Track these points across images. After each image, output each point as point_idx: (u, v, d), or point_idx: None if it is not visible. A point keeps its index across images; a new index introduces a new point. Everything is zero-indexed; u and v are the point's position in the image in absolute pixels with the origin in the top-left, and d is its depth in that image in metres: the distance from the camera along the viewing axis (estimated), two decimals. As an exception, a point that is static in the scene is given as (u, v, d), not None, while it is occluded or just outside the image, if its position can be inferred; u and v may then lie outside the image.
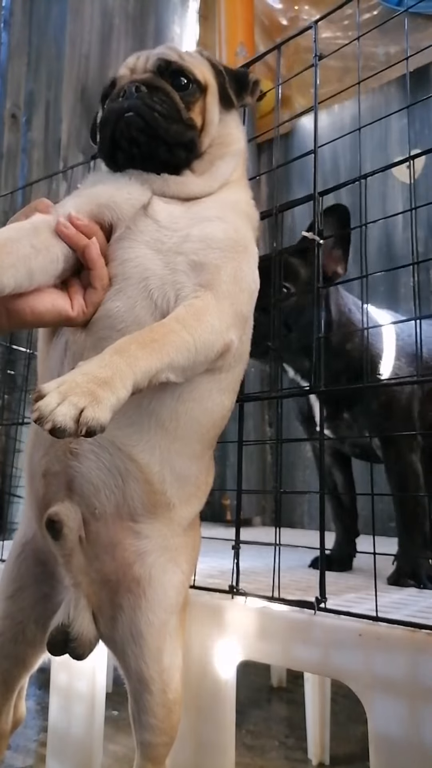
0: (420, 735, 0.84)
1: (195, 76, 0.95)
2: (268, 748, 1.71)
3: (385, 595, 1.11)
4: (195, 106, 0.95)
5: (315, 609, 0.99)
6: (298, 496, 2.93)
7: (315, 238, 1.12)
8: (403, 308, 2.69)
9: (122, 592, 0.86)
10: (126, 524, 0.85)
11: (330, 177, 2.95)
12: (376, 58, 2.93)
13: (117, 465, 0.83)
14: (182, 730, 1.04)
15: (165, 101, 0.92)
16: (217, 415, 0.92)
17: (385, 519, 2.60)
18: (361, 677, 0.91)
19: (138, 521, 0.86)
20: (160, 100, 0.91)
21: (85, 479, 0.83)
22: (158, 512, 0.87)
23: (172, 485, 0.87)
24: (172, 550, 0.89)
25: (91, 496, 0.83)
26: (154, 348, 0.73)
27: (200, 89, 0.96)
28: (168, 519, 0.88)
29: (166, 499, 0.87)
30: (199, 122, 0.95)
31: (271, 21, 3.49)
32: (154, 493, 0.85)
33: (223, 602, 1.10)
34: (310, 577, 1.29)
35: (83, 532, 0.85)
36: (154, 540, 0.87)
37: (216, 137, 0.98)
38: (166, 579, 0.87)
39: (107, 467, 0.82)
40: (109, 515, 0.84)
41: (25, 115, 2.97)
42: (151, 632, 0.85)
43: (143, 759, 0.89)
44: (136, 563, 0.85)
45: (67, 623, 0.87)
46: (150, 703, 0.86)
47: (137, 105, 0.90)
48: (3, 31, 3.05)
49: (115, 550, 0.85)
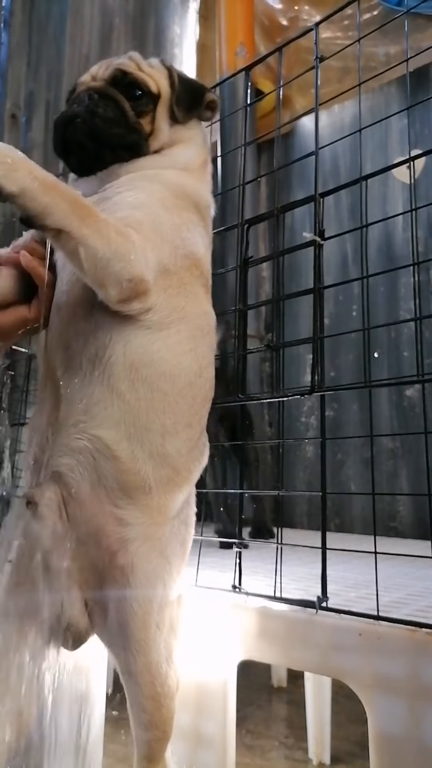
0: (420, 734, 0.85)
1: (148, 88, 1.01)
2: (268, 747, 1.71)
3: (386, 594, 1.11)
4: (146, 115, 1.01)
5: (317, 608, 0.99)
6: (298, 496, 2.93)
7: (315, 239, 1.12)
8: (403, 308, 2.69)
9: (109, 581, 0.86)
10: (107, 508, 0.86)
11: (330, 177, 2.95)
12: (377, 59, 2.93)
13: (87, 443, 0.85)
14: (183, 730, 1.04)
15: (111, 108, 0.98)
16: (182, 381, 0.91)
17: (385, 519, 2.61)
18: (361, 677, 0.91)
19: (119, 506, 0.86)
20: (105, 107, 0.97)
21: (61, 459, 0.86)
22: (135, 495, 0.87)
23: (146, 463, 0.87)
24: (156, 540, 0.89)
25: (66, 475, 0.86)
26: (81, 205, 0.81)
27: (152, 100, 1.02)
28: (147, 506, 0.88)
29: (141, 479, 0.87)
30: (148, 129, 1.01)
31: (271, 21, 3.49)
32: (125, 472, 0.86)
33: (224, 602, 1.10)
34: (310, 577, 1.29)
35: (65, 514, 0.86)
36: (137, 528, 0.87)
37: (167, 142, 1.03)
38: (150, 569, 0.87)
39: (79, 447, 0.85)
40: (86, 497, 0.85)
41: (25, 115, 2.97)
42: (136, 623, 0.85)
43: (139, 756, 0.89)
44: (119, 551, 0.86)
45: (59, 616, 0.87)
46: (139, 696, 0.87)
47: (83, 111, 0.97)
48: (3, 31, 3.06)
49: (99, 536, 0.86)
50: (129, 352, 0.87)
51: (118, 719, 1.68)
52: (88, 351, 0.87)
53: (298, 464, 2.98)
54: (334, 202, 2.85)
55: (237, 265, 1.28)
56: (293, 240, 1.24)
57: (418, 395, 2.60)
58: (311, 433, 2.95)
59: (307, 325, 1.14)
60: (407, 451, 2.65)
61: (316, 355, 1.11)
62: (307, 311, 1.13)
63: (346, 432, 2.83)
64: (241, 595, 1.10)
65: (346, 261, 2.90)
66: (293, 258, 1.40)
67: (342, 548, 1.06)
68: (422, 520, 2.52)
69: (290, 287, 1.30)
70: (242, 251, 1.29)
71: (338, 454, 2.83)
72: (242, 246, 1.29)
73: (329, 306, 2.89)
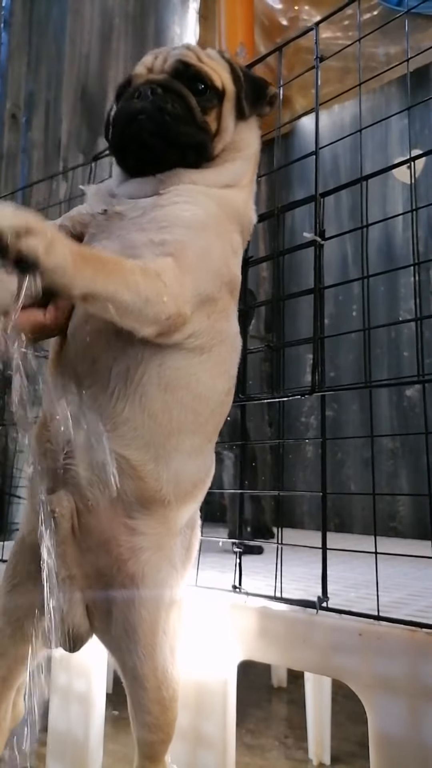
0: (420, 735, 0.84)
1: (213, 82, 0.94)
2: (268, 747, 1.71)
3: (386, 594, 1.11)
4: (211, 112, 0.94)
5: (317, 608, 0.99)
6: (298, 496, 2.93)
7: (316, 239, 1.12)
8: (403, 308, 2.69)
9: (116, 588, 0.86)
10: (121, 520, 0.85)
11: (330, 177, 2.95)
12: (377, 59, 2.93)
13: (110, 462, 0.83)
14: (183, 730, 1.04)
15: (179, 104, 0.91)
16: (213, 401, 0.90)
17: (385, 519, 2.61)
18: (361, 677, 0.91)
19: (133, 517, 0.86)
20: (173, 103, 0.90)
21: (79, 474, 0.84)
22: (153, 509, 0.87)
23: (168, 483, 0.86)
24: (167, 549, 0.89)
25: (84, 489, 0.84)
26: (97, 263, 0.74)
27: (217, 95, 0.95)
28: (164, 517, 0.88)
29: (162, 496, 0.86)
30: (213, 127, 0.95)
31: (271, 21, 3.49)
32: (148, 490, 0.85)
33: (224, 602, 1.10)
34: (310, 577, 1.29)
35: (76, 522, 0.85)
36: (150, 537, 0.87)
37: (230, 142, 0.97)
38: (160, 577, 0.87)
39: (101, 464, 0.83)
40: (103, 509, 0.85)
41: (25, 115, 2.97)
42: (144, 628, 0.85)
43: (141, 757, 0.89)
44: (130, 560, 0.86)
45: (59, 618, 0.87)
46: (144, 699, 0.86)
47: (149, 107, 0.89)
48: (3, 31, 3.05)
49: (109, 545, 0.86)
50: (164, 371, 0.84)
51: (118, 719, 1.68)
52: (118, 367, 0.83)
53: (298, 464, 2.98)
54: (334, 202, 2.85)
55: (238, 265, 1.28)
56: (294, 240, 1.24)
57: (418, 395, 2.60)
58: (311, 433, 2.95)
59: (307, 325, 1.14)
60: (407, 451, 2.65)
61: (316, 355, 1.11)
62: (308, 311, 1.13)
63: (347, 432, 2.83)
64: (242, 595, 1.10)
65: (346, 261, 2.90)
66: (294, 258, 1.40)
67: (342, 548, 1.06)
68: (422, 520, 2.52)
69: (290, 287, 1.30)
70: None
71: (338, 454, 2.83)
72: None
73: (329, 306, 2.89)
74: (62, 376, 0.88)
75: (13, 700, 0.97)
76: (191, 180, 0.92)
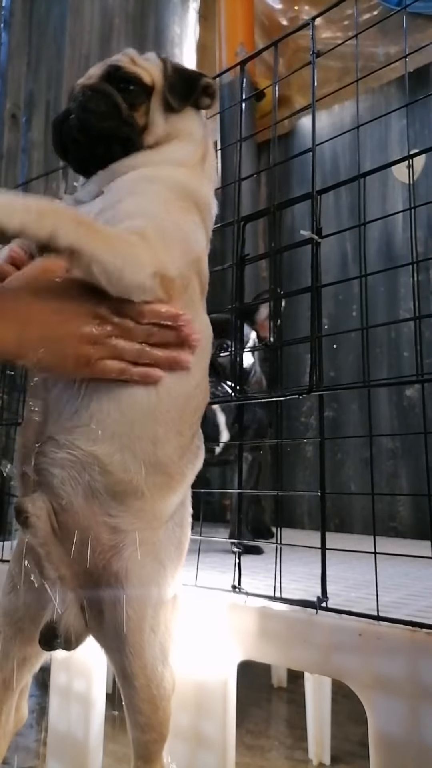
0: (420, 735, 0.84)
1: (141, 80, 1.01)
2: (268, 747, 1.71)
3: (386, 594, 1.11)
4: (140, 107, 1.01)
5: (317, 608, 0.99)
6: (298, 496, 2.93)
7: (313, 237, 1.12)
8: (403, 308, 2.69)
9: (103, 587, 0.86)
10: (98, 518, 0.86)
11: (330, 178, 2.95)
12: (376, 59, 2.93)
13: (75, 458, 0.84)
14: (183, 730, 1.04)
15: (103, 102, 0.98)
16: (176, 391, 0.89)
17: (385, 519, 2.61)
18: (361, 677, 0.91)
19: (111, 514, 0.86)
20: (97, 101, 0.98)
21: (49, 473, 0.85)
22: (128, 503, 0.86)
23: (137, 473, 0.86)
24: (150, 545, 0.89)
25: (56, 488, 0.84)
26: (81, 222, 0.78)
27: (145, 92, 1.01)
28: (141, 510, 0.88)
29: (133, 487, 0.86)
30: (142, 121, 1.01)
31: (271, 21, 3.49)
32: (119, 483, 0.85)
33: (224, 602, 1.10)
34: (310, 577, 1.29)
35: (55, 522, 0.85)
36: (130, 534, 0.87)
37: (163, 135, 1.02)
38: (145, 573, 0.87)
39: (68, 461, 0.84)
40: (78, 507, 0.85)
41: (25, 115, 2.97)
42: (131, 627, 0.85)
43: (136, 757, 0.89)
44: (113, 557, 0.86)
45: (54, 619, 0.87)
46: (134, 699, 0.86)
47: (77, 108, 0.97)
48: (3, 31, 3.05)
49: (92, 544, 0.86)
50: None
51: (118, 719, 1.68)
52: None
53: (298, 464, 2.98)
54: (333, 201, 2.85)
55: (233, 263, 1.28)
56: (293, 239, 1.24)
57: (418, 395, 2.60)
58: (311, 433, 2.95)
59: (306, 324, 1.13)
60: (407, 451, 2.64)
61: (314, 355, 1.11)
62: (306, 311, 1.13)
63: (346, 432, 2.82)
64: (241, 595, 1.10)
65: (345, 261, 2.90)
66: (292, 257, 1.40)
67: (342, 548, 1.06)
68: (422, 520, 2.51)
69: (289, 286, 1.30)
70: (239, 248, 1.29)
71: (338, 454, 2.83)
72: (239, 243, 1.29)
73: (329, 306, 2.89)
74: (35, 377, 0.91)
75: (16, 703, 0.97)
76: (127, 167, 0.97)
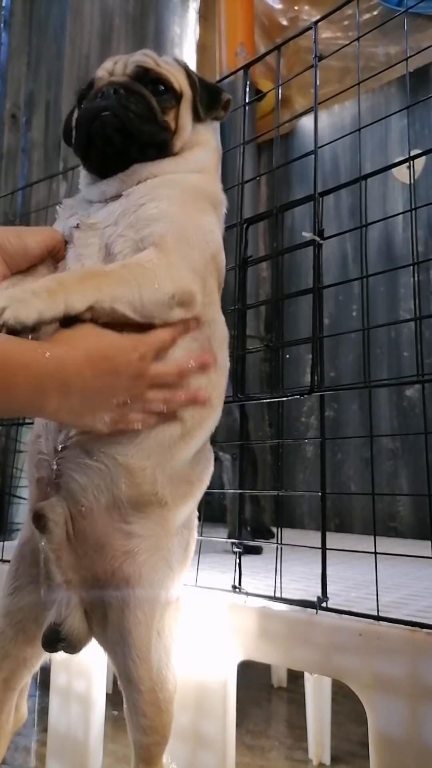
0: (420, 735, 0.84)
1: (171, 84, 0.99)
2: (268, 747, 1.71)
3: (386, 594, 1.11)
4: (170, 112, 0.99)
5: (317, 608, 0.99)
6: (298, 496, 2.93)
7: (315, 238, 1.12)
8: (403, 308, 2.69)
9: (112, 591, 0.86)
10: (117, 525, 0.85)
11: (330, 178, 2.95)
12: (377, 59, 2.93)
13: (104, 468, 0.83)
14: (183, 730, 1.04)
15: (141, 103, 0.95)
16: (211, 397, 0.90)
17: (385, 519, 2.61)
18: (361, 677, 0.91)
19: (129, 521, 0.85)
20: (136, 102, 0.95)
21: (72, 479, 0.84)
22: (150, 511, 0.86)
23: (164, 486, 0.86)
24: (164, 550, 0.89)
25: (77, 494, 0.84)
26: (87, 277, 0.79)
27: (175, 97, 1.00)
28: (161, 518, 0.88)
29: (158, 498, 0.86)
30: (173, 126, 0.99)
31: (271, 21, 3.49)
32: (144, 495, 0.85)
33: (224, 602, 1.10)
34: (310, 577, 1.29)
35: (71, 528, 0.85)
36: (147, 539, 0.87)
37: (188, 141, 1.02)
38: (156, 578, 0.87)
39: (95, 470, 0.83)
40: (97, 515, 0.84)
41: (25, 115, 2.97)
42: (140, 631, 0.85)
43: (136, 759, 0.89)
44: (126, 562, 0.85)
45: (58, 621, 0.87)
46: (139, 702, 0.86)
47: (114, 105, 0.93)
48: (3, 31, 3.06)
49: (104, 549, 0.85)
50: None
51: (118, 719, 1.68)
52: None
53: (298, 464, 2.98)
54: (334, 203, 2.85)
55: (236, 265, 1.28)
56: (294, 241, 1.24)
57: (418, 395, 2.60)
58: (311, 433, 2.95)
59: (307, 325, 1.14)
60: (407, 451, 2.65)
61: (315, 355, 1.11)
62: (308, 312, 1.13)
63: (346, 432, 2.83)
64: (241, 595, 1.10)
65: (346, 261, 2.90)
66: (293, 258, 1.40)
67: (342, 548, 1.06)
68: (422, 520, 2.52)
69: (290, 287, 1.31)
70: (241, 251, 1.29)
71: (338, 454, 2.83)
72: (241, 245, 1.29)
73: (329, 306, 2.89)
74: None
75: (15, 703, 0.97)
76: (151, 173, 0.96)
